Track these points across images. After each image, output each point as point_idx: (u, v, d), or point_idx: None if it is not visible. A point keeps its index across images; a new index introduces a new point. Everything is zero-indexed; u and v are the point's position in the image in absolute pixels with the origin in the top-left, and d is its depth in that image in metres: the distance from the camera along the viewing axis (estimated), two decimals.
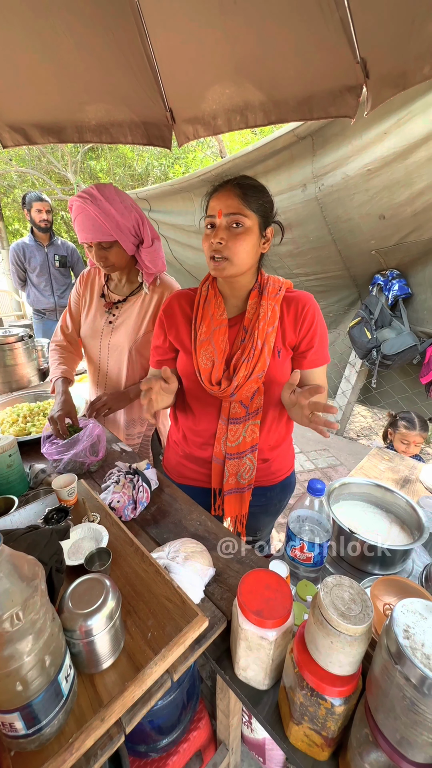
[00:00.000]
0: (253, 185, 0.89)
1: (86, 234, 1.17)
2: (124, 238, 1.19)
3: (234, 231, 0.86)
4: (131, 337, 1.32)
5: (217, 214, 0.86)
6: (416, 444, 1.93)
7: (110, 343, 1.37)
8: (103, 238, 1.17)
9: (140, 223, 1.22)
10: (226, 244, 0.86)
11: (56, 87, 1.23)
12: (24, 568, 0.41)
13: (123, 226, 1.17)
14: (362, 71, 0.97)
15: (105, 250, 1.21)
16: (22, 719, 0.42)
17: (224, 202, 0.86)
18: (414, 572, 0.85)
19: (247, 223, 0.86)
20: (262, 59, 1.06)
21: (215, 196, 0.89)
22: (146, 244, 1.24)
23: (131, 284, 1.36)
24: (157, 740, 0.88)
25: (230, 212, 0.85)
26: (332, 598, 0.50)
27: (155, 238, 1.27)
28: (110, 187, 1.18)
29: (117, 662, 0.56)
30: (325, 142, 2.11)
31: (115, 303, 1.36)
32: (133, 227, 1.20)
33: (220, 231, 0.86)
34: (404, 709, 0.41)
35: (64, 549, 0.68)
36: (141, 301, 1.32)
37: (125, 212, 1.17)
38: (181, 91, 1.24)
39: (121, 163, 8.13)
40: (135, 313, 1.33)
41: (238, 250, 0.86)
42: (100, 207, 1.13)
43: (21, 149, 7.34)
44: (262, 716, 0.60)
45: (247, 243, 0.87)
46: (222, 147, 6.32)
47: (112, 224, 1.15)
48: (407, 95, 1.69)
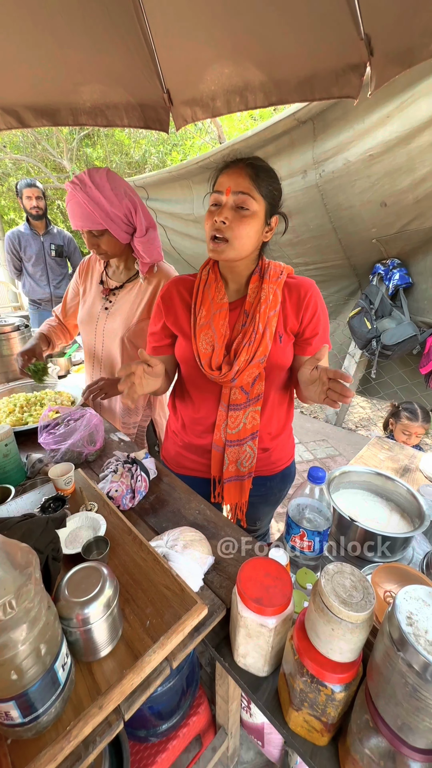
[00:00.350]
0: (266, 168, 0.86)
1: (76, 221, 1.15)
2: (115, 226, 1.16)
3: (240, 213, 0.83)
4: (125, 324, 1.30)
5: (226, 191, 0.83)
6: (417, 435, 1.93)
7: (105, 329, 1.35)
8: (92, 226, 1.14)
9: (132, 212, 1.18)
10: (229, 224, 0.82)
11: (50, 67, 1.19)
12: (17, 556, 0.40)
13: (113, 214, 1.14)
14: (366, 48, 0.94)
15: (96, 237, 1.19)
16: (18, 708, 0.41)
17: (234, 180, 0.83)
18: (414, 560, 0.85)
19: (254, 207, 0.83)
20: (263, 36, 1.02)
21: (226, 173, 0.85)
22: (139, 233, 1.20)
23: (128, 271, 1.34)
24: (157, 725, 0.88)
25: (239, 190, 0.82)
26: (333, 585, 0.49)
27: (150, 227, 1.23)
28: (102, 173, 1.14)
29: (115, 650, 0.55)
30: (326, 127, 2.06)
31: (112, 289, 1.34)
32: (125, 215, 1.16)
33: (226, 210, 0.83)
34: (406, 696, 0.41)
35: (61, 538, 0.67)
36: (137, 288, 1.30)
37: (115, 200, 1.13)
38: (178, 71, 1.20)
39: (118, 150, 7.97)
40: (130, 300, 1.31)
41: (240, 233, 0.83)
42: (89, 194, 1.10)
43: (15, 136, 7.20)
44: (262, 702, 0.60)
45: (251, 228, 0.84)
46: (221, 132, 6.20)
47: (101, 213, 1.12)
48: (411, 76, 1.64)
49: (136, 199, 1.20)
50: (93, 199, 1.10)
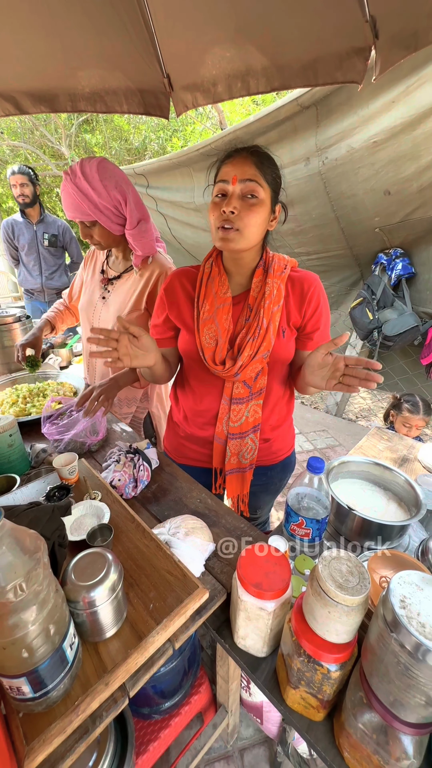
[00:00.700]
0: (267, 155, 0.85)
1: (68, 211, 1.15)
2: (104, 218, 1.15)
3: (248, 201, 0.82)
4: (117, 313, 1.31)
5: (232, 180, 0.81)
6: (418, 428, 1.94)
7: (101, 318, 1.36)
8: (82, 216, 1.14)
9: (122, 203, 1.16)
10: (238, 213, 0.81)
11: (47, 52, 1.16)
12: (26, 542, 0.42)
13: (101, 205, 1.13)
14: (371, 31, 0.92)
15: (88, 228, 1.19)
16: (29, 683, 0.43)
17: (240, 168, 0.81)
18: (410, 547, 0.87)
19: (261, 195, 0.82)
20: (265, 19, 0.99)
21: (229, 162, 0.84)
22: (129, 225, 1.19)
23: (126, 261, 1.34)
24: (159, 703, 0.92)
25: (246, 178, 0.80)
26: (330, 570, 0.51)
27: (142, 220, 1.21)
28: (94, 163, 1.12)
29: (120, 632, 0.57)
30: (330, 112, 2.02)
31: (110, 279, 1.35)
32: (114, 207, 1.15)
33: (234, 199, 0.81)
34: (398, 674, 0.43)
35: (66, 525, 0.69)
36: (133, 279, 1.30)
37: (103, 191, 1.11)
38: (179, 55, 1.17)
39: (117, 137, 7.81)
40: (125, 291, 1.31)
41: (250, 222, 0.82)
42: (77, 185, 1.10)
43: (13, 122, 7.05)
44: (261, 681, 0.63)
45: (259, 216, 0.83)
46: (222, 118, 6.06)
47: (89, 204, 1.11)
48: (417, 61, 1.60)
49: (129, 190, 1.18)
50: (81, 190, 1.10)
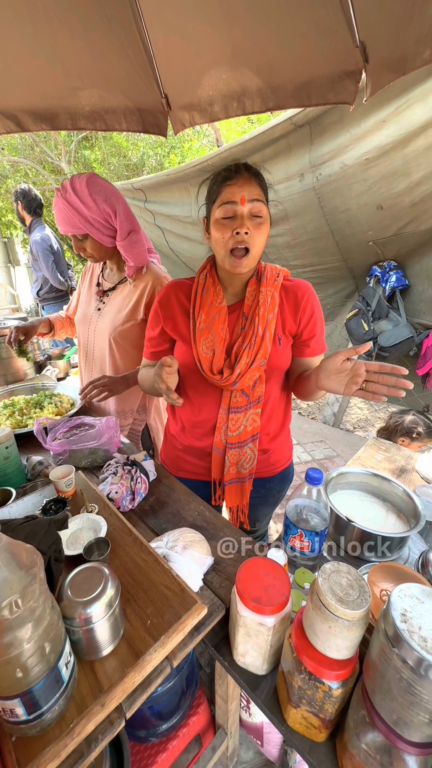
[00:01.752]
0: (260, 173, 0.88)
1: (60, 226, 1.19)
2: (95, 231, 1.18)
3: (256, 221, 0.83)
4: (112, 324, 1.33)
5: (240, 200, 0.81)
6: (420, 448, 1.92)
7: (97, 329, 1.38)
8: (74, 230, 1.18)
9: (111, 216, 1.18)
10: (251, 234, 0.82)
11: (49, 72, 1.20)
12: (22, 557, 0.41)
13: (92, 219, 1.16)
14: (362, 55, 0.96)
15: (81, 241, 1.23)
16: (23, 705, 0.42)
17: (247, 189, 0.82)
18: (410, 559, 0.86)
19: (265, 213, 0.85)
20: (260, 43, 1.03)
21: (233, 183, 0.84)
22: (119, 237, 1.21)
23: (120, 273, 1.36)
24: (156, 725, 0.89)
25: (254, 198, 0.82)
26: (330, 584, 0.50)
27: (133, 231, 1.24)
28: (84, 178, 1.15)
29: (117, 649, 0.56)
30: (323, 131, 2.08)
31: (105, 291, 1.37)
32: (104, 220, 1.18)
33: (246, 220, 0.82)
34: (401, 691, 0.42)
35: (62, 539, 0.68)
36: (127, 290, 1.32)
37: (93, 205, 1.14)
38: (176, 77, 1.21)
39: (116, 153, 7.98)
40: (119, 301, 1.33)
41: (259, 241, 0.84)
42: (68, 200, 1.13)
43: (13, 138, 7.19)
44: (261, 700, 0.61)
45: (266, 234, 0.86)
46: (218, 136, 6.22)
47: (80, 217, 1.14)
48: (406, 82, 1.66)
49: (118, 202, 1.20)
50: (71, 205, 1.13)
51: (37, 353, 1.96)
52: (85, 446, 1.04)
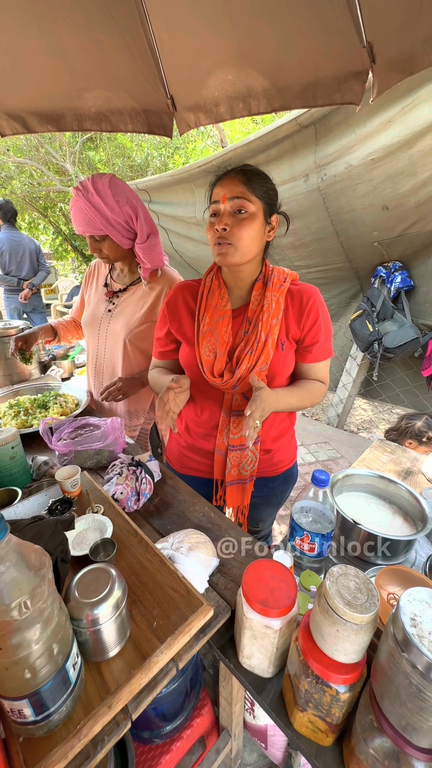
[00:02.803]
0: (256, 171, 0.88)
1: (79, 226, 1.18)
2: (115, 232, 1.18)
3: (238, 217, 0.85)
4: (127, 326, 1.32)
5: (221, 199, 0.85)
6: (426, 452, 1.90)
7: (108, 331, 1.37)
8: (93, 231, 1.17)
9: (133, 218, 1.19)
10: (230, 230, 0.84)
11: (55, 74, 1.21)
12: (31, 558, 0.41)
13: (113, 220, 1.16)
14: (368, 56, 0.95)
15: (98, 242, 1.22)
16: (31, 706, 0.42)
17: (228, 187, 0.85)
18: (417, 562, 0.86)
19: (251, 209, 0.85)
20: (266, 44, 1.03)
21: (219, 184, 0.88)
22: (139, 239, 1.22)
23: (132, 274, 1.36)
24: (161, 727, 0.89)
25: (234, 196, 0.84)
26: (338, 587, 0.50)
27: (152, 234, 1.25)
28: (106, 180, 1.16)
29: (123, 651, 0.56)
30: (328, 131, 2.07)
31: (115, 292, 1.36)
32: (126, 222, 1.18)
33: (225, 217, 0.85)
34: (410, 696, 0.42)
35: (68, 540, 0.68)
36: (141, 291, 1.32)
37: (116, 207, 1.15)
38: (182, 78, 1.21)
39: (120, 154, 8.00)
40: (133, 303, 1.33)
41: (242, 235, 0.85)
42: (90, 201, 1.13)
43: (18, 139, 7.22)
44: (267, 703, 0.61)
45: (252, 229, 0.86)
46: (223, 136, 6.22)
47: (102, 219, 1.14)
48: (412, 82, 1.65)
49: (138, 205, 1.22)
50: (94, 205, 1.13)
51: (42, 353, 1.97)
52: (90, 447, 1.04)
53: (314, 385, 1.01)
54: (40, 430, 1.09)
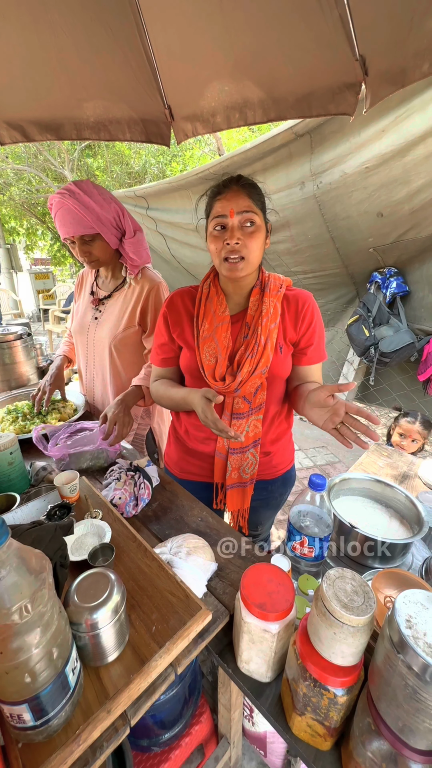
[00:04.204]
0: (253, 184, 0.91)
1: (67, 228, 1.17)
2: (106, 230, 1.20)
3: (247, 230, 0.87)
4: (112, 333, 1.34)
5: (229, 213, 0.86)
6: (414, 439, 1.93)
7: (95, 339, 1.39)
8: (84, 231, 1.18)
9: (120, 215, 1.22)
10: (243, 243, 0.86)
11: (54, 84, 1.22)
12: (32, 562, 0.41)
13: (104, 218, 1.18)
14: (361, 68, 0.97)
15: (87, 244, 1.22)
16: (30, 711, 0.42)
17: (235, 202, 0.86)
18: (414, 566, 0.86)
19: (257, 221, 0.88)
20: (261, 56, 1.06)
21: (222, 197, 0.89)
22: (128, 234, 1.25)
23: (116, 280, 1.37)
24: (159, 734, 0.88)
25: (242, 210, 0.86)
26: (335, 590, 0.50)
27: (137, 230, 1.28)
28: (87, 182, 1.19)
29: (122, 655, 0.56)
30: (323, 140, 2.11)
31: (101, 299, 1.38)
32: (114, 219, 1.21)
33: (236, 231, 0.86)
34: (406, 698, 0.42)
35: (67, 545, 0.68)
36: (124, 296, 1.34)
37: (105, 204, 1.18)
38: (179, 88, 1.23)
39: (119, 161, 8.08)
40: (117, 309, 1.34)
41: (253, 248, 0.87)
42: (79, 200, 1.15)
43: (17, 147, 7.28)
44: (265, 708, 0.61)
45: (260, 240, 0.89)
46: (220, 144, 6.29)
47: (93, 216, 1.16)
48: (405, 93, 1.69)
49: (120, 204, 1.26)
50: (84, 204, 1.15)
51: (40, 359, 1.97)
52: (83, 449, 1.04)
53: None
54: (33, 437, 1.08)
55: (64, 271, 10.29)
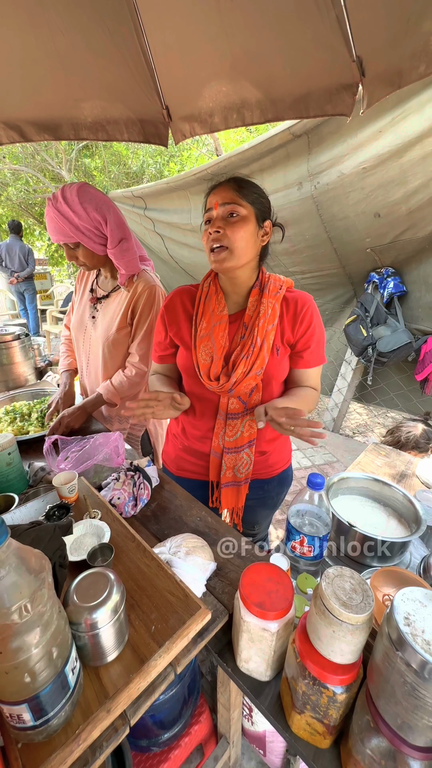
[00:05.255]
0: (247, 180, 0.92)
1: (52, 235, 1.20)
2: (86, 239, 1.19)
3: (230, 220, 0.88)
4: (106, 333, 1.34)
5: (214, 206, 0.89)
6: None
7: (92, 337, 1.39)
8: (65, 239, 1.19)
9: (102, 224, 1.19)
10: (223, 232, 0.87)
11: (52, 84, 1.22)
12: (31, 561, 0.41)
13: (82, 227, 1.17)
14: (358, 69, 0.98)
15: (72, 250, 1.24)
16: (30, 711, 0.42)
17: (220, 195, 0.89)
18: (412, 564, 0.87)
19: (243, 212, 0.88)
20: (259, 57, 1.06)
21: (212, 193, 0.92)
22: (110, 244, 1.23)
23: (114, 281, 1.37)
24: (158, 734, 0.88)
25: (225, 201, 0.88)
26: (334, 588, 0.51)
27: (124, 239, 1.25)
28: (75, 188, 1.17)
29: (122, 655, 0.56)
30: (320, 141, 2.12)
31: (99, 298, 1.38)
32: (95, 228, 1.19)
33: (217, 221, 0.89)
34: (405, 695, 0.42)
35: (66, 545, 0.68)
36: (119, 298, 1.34)
37: (83, 213, 1.15)
38: (177, 89, 1.24)
39: (116, 161, 8.07)
40: (112, 310, 1.34)
41: (235, 237, 0.88)
42: (58, 209, 1.15)
43: (15, 147, 7.26)
44: (264, 707, 0.61)
45: (245, 231, 0.88)
46: (218, 145, 6.30)
47: (70, 226, 1.16)
48: (402, 94, 1.70)
49: (110, 211, 1.21)
50: (62, 214, 1.15)
51: (38, 359, 1.97)
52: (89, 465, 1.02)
53: (308, 392, 1.03)
54: (44, 450, 1.06)
55: (61, 271, 10.26)
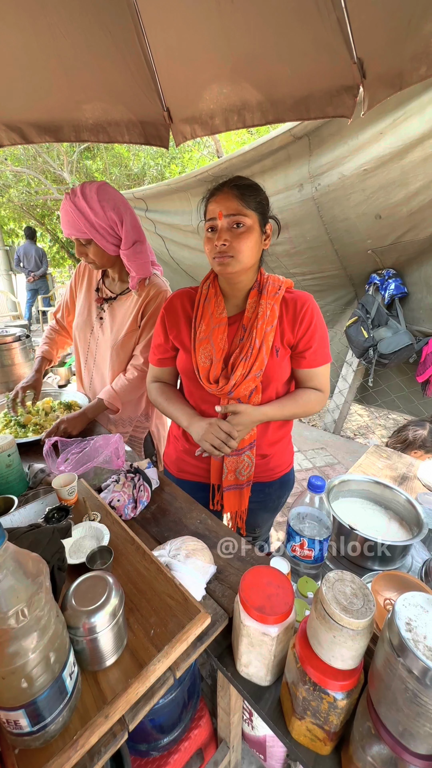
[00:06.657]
0: (248, 185, 0.91)
1: (65, 228, 1.20)
2: (99, 236, 1.19)
3: (236, 231, 0.87)
4: (115, 335, 1.34)
5: (218, 216, 0.88)
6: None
7: (99, 339, 1.39)
8: (78, 234, 1.19)
9: (117, 224, 1.19)
10: (230, 244, 0.87)
11: (53, 86, 1.23)
12: (28, 565, 0.41)
13: (97, 225, 1.17)
14: (359, 71, 0.98)
15: (84, 246, 1.23)
16: (27, 716, 0.42)
17: (223, 204, 0.87)
18: (413, 568, 0.86)
19: (248, 222, 0.87)
20: (260, 59, 1.06)
21: (213, 200, 0.90)
22: (124, 246, 1.22)
23: (123, 283, 1.37)
24: (158, 739, 0.88)
25: (230, 213, 0.87)
26: (334, 593, 0.50)
27: (138, 242, 1.25)
28: (95, 186, 1.17)
29: (120, 659, 0.56)
30: (321, 142, 2.12)
31: (106, 299, 1.37)
32: (110, 227, 1.19)
33: (223, 233, 0.87)
34: (406, 701, 0.42)
35: (65, 548, 0.67)
36: (130, 301, 1.33)
37: (100, 211, 1.16)
38: (178, 91, 1.24)
39: (117, 163, 8.09)
40: (122, 312, 1.34)
41: (241, 248, 0.87)
42: (75, 204, 1.15)
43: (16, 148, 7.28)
44: (264, 712, 0.60)
45: (250, 241, 0.88)
46: (218, 147, 6.31)
47: (85, 222, 1.16)
48: (403, 95, 1.69)
49: (126, 212, 1.22)
50: (78, 208, 1.15)
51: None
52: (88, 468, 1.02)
53: (309, 395, 1.02)
54: (44, 452, 1.05)
55: (63, 273, 10.28)
